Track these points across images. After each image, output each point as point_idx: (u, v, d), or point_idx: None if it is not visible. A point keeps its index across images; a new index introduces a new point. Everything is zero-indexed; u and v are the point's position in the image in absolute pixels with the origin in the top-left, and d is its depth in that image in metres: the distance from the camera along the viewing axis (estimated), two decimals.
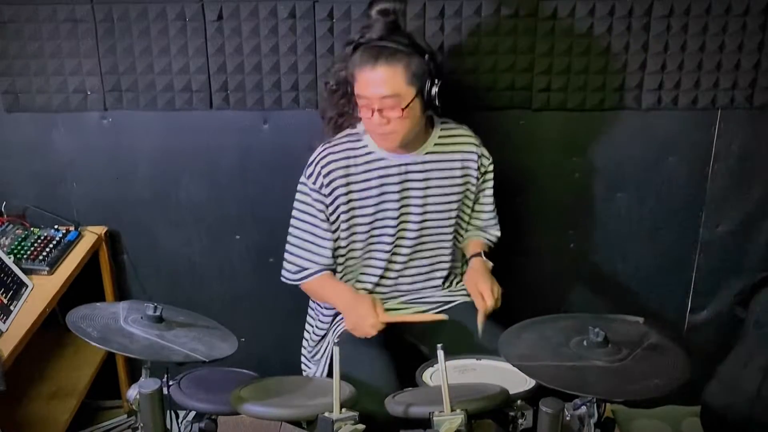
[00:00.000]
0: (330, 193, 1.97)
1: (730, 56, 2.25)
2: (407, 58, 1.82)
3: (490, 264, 2.06)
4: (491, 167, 2.09)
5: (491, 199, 2.13)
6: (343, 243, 2.03)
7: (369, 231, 2.02)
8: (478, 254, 2.07)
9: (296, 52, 2.25)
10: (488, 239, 2.18)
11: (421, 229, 2.05)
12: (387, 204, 2.00)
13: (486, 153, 2.08)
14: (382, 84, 1.81)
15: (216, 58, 2.27)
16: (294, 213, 2.03)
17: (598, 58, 2.25)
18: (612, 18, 2.21)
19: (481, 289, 1.94)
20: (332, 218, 1.99)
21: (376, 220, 2.01)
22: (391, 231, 2.02)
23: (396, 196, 1.99)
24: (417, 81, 1.84)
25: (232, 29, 2.24)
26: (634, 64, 2.26)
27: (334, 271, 2.06)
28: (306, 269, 2.03)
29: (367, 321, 1.88)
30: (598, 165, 2.40)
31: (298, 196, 2.01)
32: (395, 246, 2.05)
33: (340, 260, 2.06)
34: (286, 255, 2.06)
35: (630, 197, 2.43)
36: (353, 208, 1.99)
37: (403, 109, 1.83)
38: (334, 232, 2.00)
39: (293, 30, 2.23)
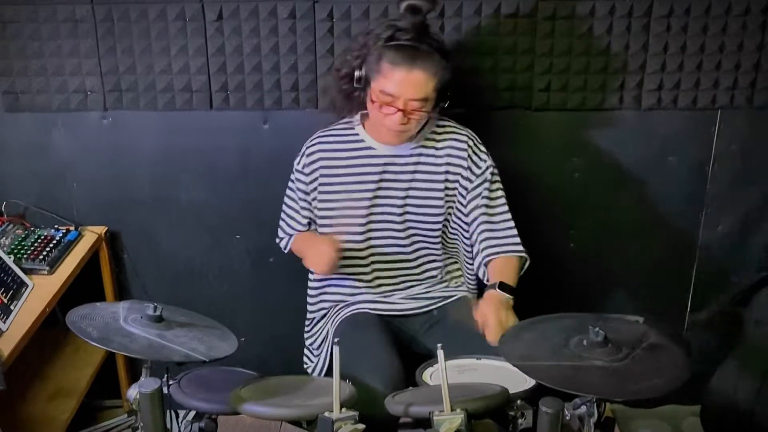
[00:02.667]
0: (310, 173, 2.05)
1: (730, 56, 2.25)
2: (439, 63, 1.84)
3: (507, 297, 1.85)
4: (488, 171, 2.01)
5: (504, 209, 2.03)
6: (321, 224, 2.09)
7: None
8: (494, 286, 1.87)
9: (296, 52, 2.25)
10: (514, 253, 1.99)
11: (405, 221, 2.05)
12: (361, 194, 2.02)
13: (481, 155, 2.02)
14: (415, 87, 1.83)
15: (216, 58, 2.27)
16: (287, 194, 2.16)
17: (598, 58, 2.25)
18: (612, 18, 2.21)
19: (488, 321, 1.77)
20: (311, 197, 2.08)
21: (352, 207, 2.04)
22: (362, 220, 2.04)
23: (372, 186, 2.02)
24: (440, 85, 1.87)
25: (232, 29, 2.24)
26: (634, 64, 2.26)
27: None
28: (286, 235, 2.17)
29: (321, 255, 1.92)
30: (598, 165, 2.40)
31: (291, 178, 2.13)
32: (376, 237, 2.06)
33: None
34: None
35: (630, 197, 2.43)
36: (330, 192, 2.04)
37: (427, 112, 1.87)
38: (312, 210, 2.11)
39: (293, 30, 2.23)
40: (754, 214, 2.44)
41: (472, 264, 2.09)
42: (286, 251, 2.20)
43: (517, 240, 2.01)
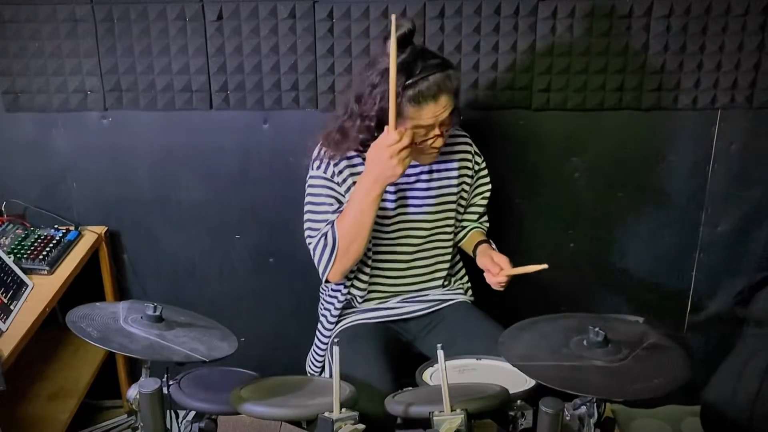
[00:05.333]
0: (342, 182, 1.92)
1: (730, 56, 2.25)
2: (451, 76, 1.82)
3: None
4: (484, 164, 2.12)
5: (488, 194, 2.16)
6: None
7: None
8: (486, 241, 2.10)
9: (296, 52, 2.25)
10: (482, 229, 2.21)
11: (422, 229, 2.05)
12: (385, 203, 2.00)
13: (478, 151, 2.11)
14: (444, 109, 1.83)
15: (216, 58, 2.27)
16: (308, 208, 1.95)
17: (598, 58, 2.25)
18: (612, 18, 2.21)
19: (498, 260, 1.94)
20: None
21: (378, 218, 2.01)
22: (393, 234, 2.03)
23: (393, 197, 2.00)
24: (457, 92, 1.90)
25: (232, 29, 2.24)
26: (634, 64, 2.26)
27: None
28: (327, 227, 1.90)
29: (387, 159, 1.75)
30: (598, 165, 2.40)
31: (310, 189, 1.95)
32: (398, 246, 2.05)
33: None
34: (315, 257, 1.92)
35: (630, 197, 2.43)
36: None
37: (454, 120, 1.89)
38: None
39: (293, 30, 2.23)
40: (754, 214, 2.44)
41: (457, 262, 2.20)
42: (328, 243, 1.87)
43: (486, 216, 2.22)
